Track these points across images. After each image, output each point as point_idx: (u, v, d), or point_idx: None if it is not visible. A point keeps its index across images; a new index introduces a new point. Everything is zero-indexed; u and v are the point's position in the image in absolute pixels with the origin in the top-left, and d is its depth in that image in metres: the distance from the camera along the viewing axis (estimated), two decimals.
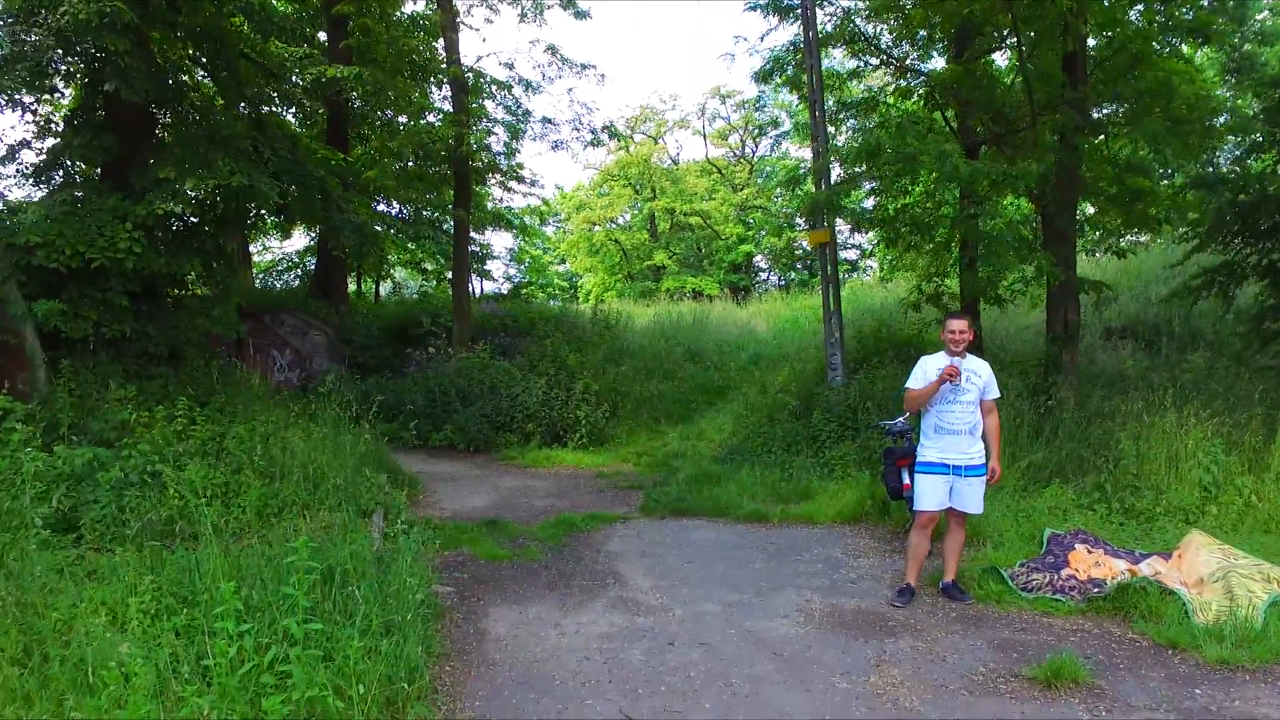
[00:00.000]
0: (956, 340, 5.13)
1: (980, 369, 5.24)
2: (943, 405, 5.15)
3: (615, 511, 8.04)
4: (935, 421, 5.20)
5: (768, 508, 7.81)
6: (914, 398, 5.22)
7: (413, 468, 10.58)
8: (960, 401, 5.12)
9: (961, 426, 5.13)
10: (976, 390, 5.17)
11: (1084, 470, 7.88)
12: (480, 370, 12.61)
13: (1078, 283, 10.09)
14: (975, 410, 5.17)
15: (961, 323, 5.16)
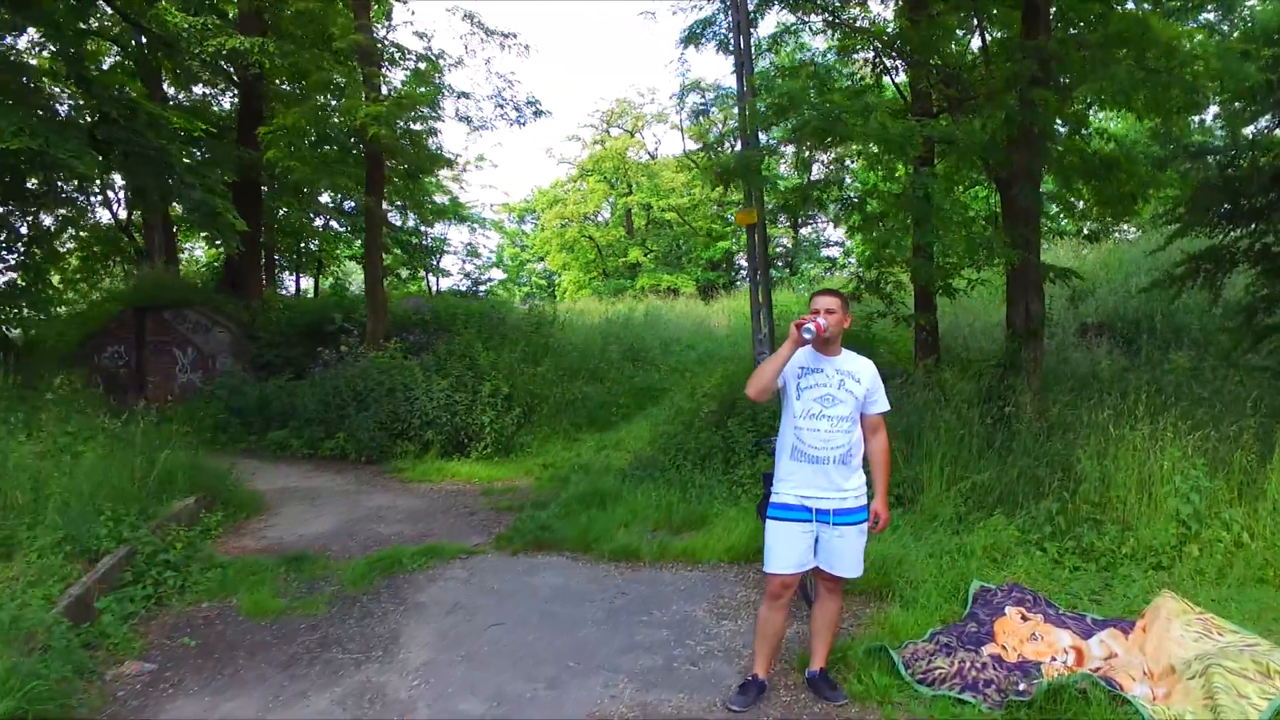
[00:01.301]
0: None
1: (860, 371, 3.60)
2: (803, 418, 3.52)
3: (463, 543, 6.43)
4: (792, 442, 3.55)
5: (645, 540, 6.19)
6: (756, 375, 3.52)
7: (277, 483, 9.02)
8: (828, 416, 3.49)
9: (829, 451, 3.49)
10: (854, 401, 3.53)
11: (1039, 494, 6.26)
12: (382, 371, 11.00)
13: (1041, 268, 8.44)
14: (852, 429, 3.53)
15: (829, 299, 3.55)
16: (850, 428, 3.51)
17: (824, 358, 3.56)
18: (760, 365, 3.55)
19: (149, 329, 13.37)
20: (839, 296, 3.57)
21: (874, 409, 3.61)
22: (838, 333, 3.54)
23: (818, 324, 3.40)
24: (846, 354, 3.63)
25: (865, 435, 3.62)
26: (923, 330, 9.27)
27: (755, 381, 3.49)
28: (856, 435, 3.55)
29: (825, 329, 3.43)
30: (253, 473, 9.64)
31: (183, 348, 13.31)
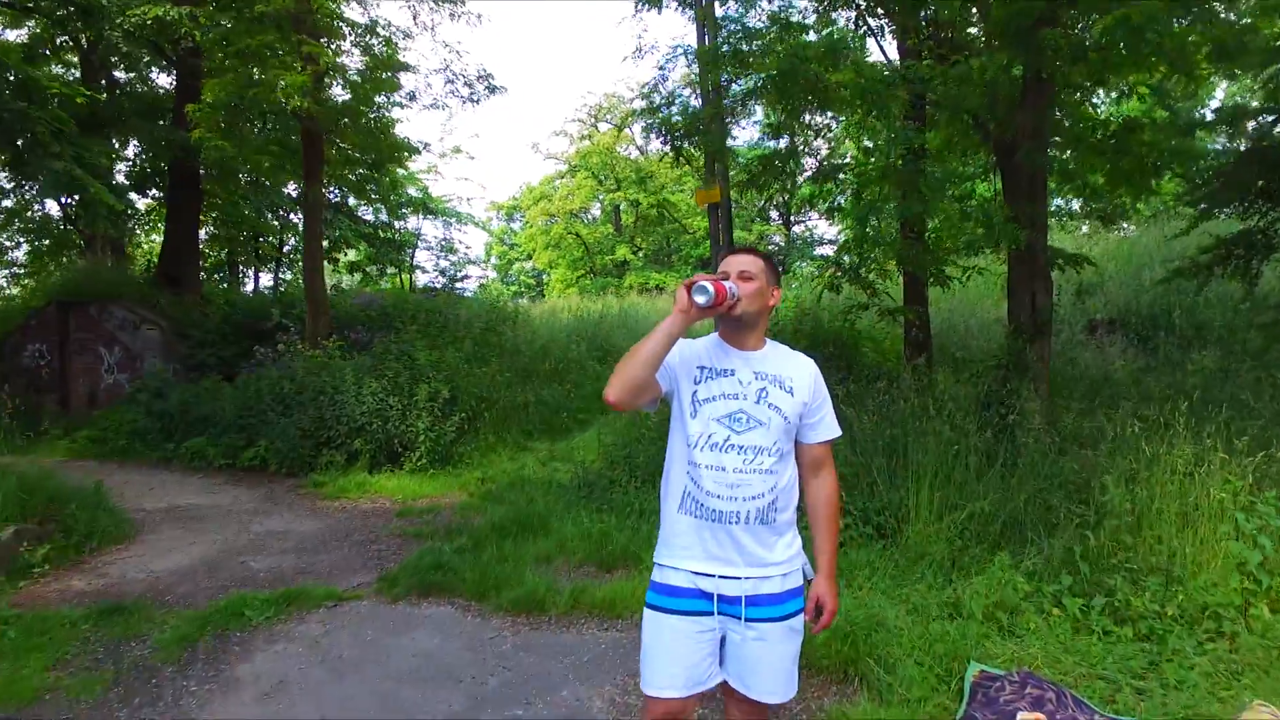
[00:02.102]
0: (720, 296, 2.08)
1: (795, 374, 2.25)
2: (701, 448, 2.15)
3: (336, 586, 5.09)
4: (684, 485, 2.20)
5: (558, 585, 4.84)
6: (619, 366, 2.09)
7: (167, 501, 7.71)
8: (739, 446, 2.14)
9: (741, 503, 2.12)
10: (782, 423, 2.18)
11: (1051, 527, 4.93)
12: (310, 373, 9.68)
13: (1048, 253, 7.10)
14: (779, 467, 2.18)
15: (745, 258, 2.23)
16: (776, 465, 2.17)
17: (737, 352, 2.23)
18: (630, 351, 2.10)
19: (73, 326, 12.06)
20: (761, 258, 2.24)
21: (817, 434, 2.27)
22: (757, 312, 2.21)
23: (720, 285, 2.09)
24: (775, 349, 2.29)
25: (803, 474, 2.28)
26: (912, 326, 7.93)
27: (617, 375, 2.08)
28: (788, 476, 2.21)
29: (733, 296, 2.11)
30: (150, 489, 8.37)
31: (109, 346, 12.00)
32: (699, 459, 2.15)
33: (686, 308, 2.05)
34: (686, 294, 2.05)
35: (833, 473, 2.32)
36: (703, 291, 2.04)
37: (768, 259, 2.24)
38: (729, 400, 2.17)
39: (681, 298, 2.05)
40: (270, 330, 11.37)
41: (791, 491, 2.23)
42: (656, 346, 2.06)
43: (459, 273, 21.22)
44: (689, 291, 2.05)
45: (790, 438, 2.23)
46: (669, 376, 2.19)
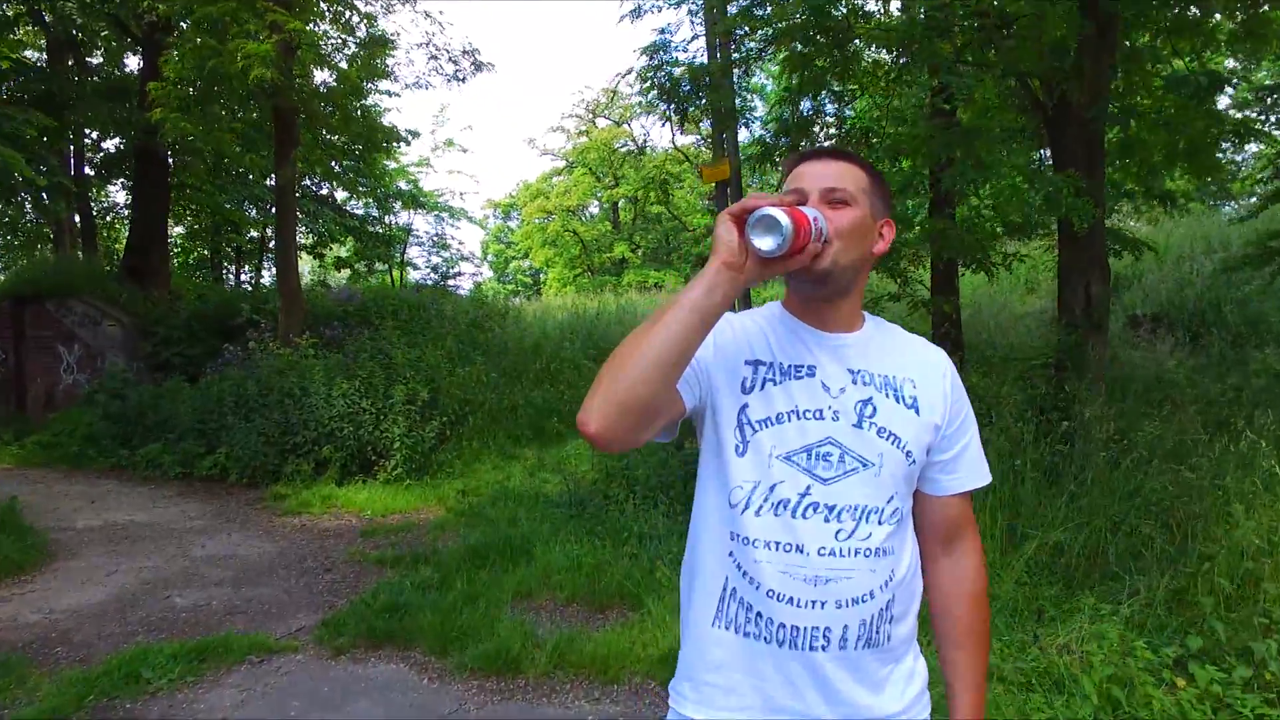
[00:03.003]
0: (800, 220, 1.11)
1: (921, 372, 1.27)
2: (758, 509, 1.18)
3: (269, 633, 4.11)
4: (725, 576, 1.22)
5: (539, 634, 3.88)
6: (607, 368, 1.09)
7: (104, 518, 6.77)
8: (829, 508, 1.17)
9: (830, 603, 1.15)
10: (899, 460, 1.21)
11: (1139, 560, 4.00)
12: (277, 373, 8.69)
13: (1105, 237, 6.14)
14: (895, 540, 1.21)
15: (834, 166, 1.23)
16: (893, 539, 1.21)
17: (819, 336, 1.26)
18: (625, 341, 1.10)
19: (29, 323, 11.07)
20: (861, 167, 1.26)
21: (954, 480, 1.30)
22: (857, 265, 1.24)
23: (799, 213, 1.10)
24: (880, 330, 1.32)
25: (925, 551, 1.30)
26: (944, 320, 6.97)
27: (601, 390, 1.08)
28: (908, 559, 1.25)
29: (819, 233, 1.13)
30: (90, 501, 7.41)
31: (68, 344, 11.01)
32: (753, 530, 1.17)
33: (737, 258, 1.08)
34: (736, 231, 1.08)
35: (977, 547, 1.34)
36: (771, 228, 1.07)
37: (872, 171, 1.27)
38: (808, 422, 1.19)
39: (727, 239, 1.09)
40: (241, 327, 10.38)
41: (914, 585, 1.26)
42: (679, 332, 1.07)
43: (452, 269, 20.22)
44: (741, 228, 1.08)
45: (911, 488, 1.25)
46: (697, 382, 1.22)
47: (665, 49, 5.79)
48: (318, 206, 16.35)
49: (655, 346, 1.06)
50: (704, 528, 1.26)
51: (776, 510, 1.17)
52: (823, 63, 5.70)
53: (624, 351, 1.08)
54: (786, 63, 5.89)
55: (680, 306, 1.07)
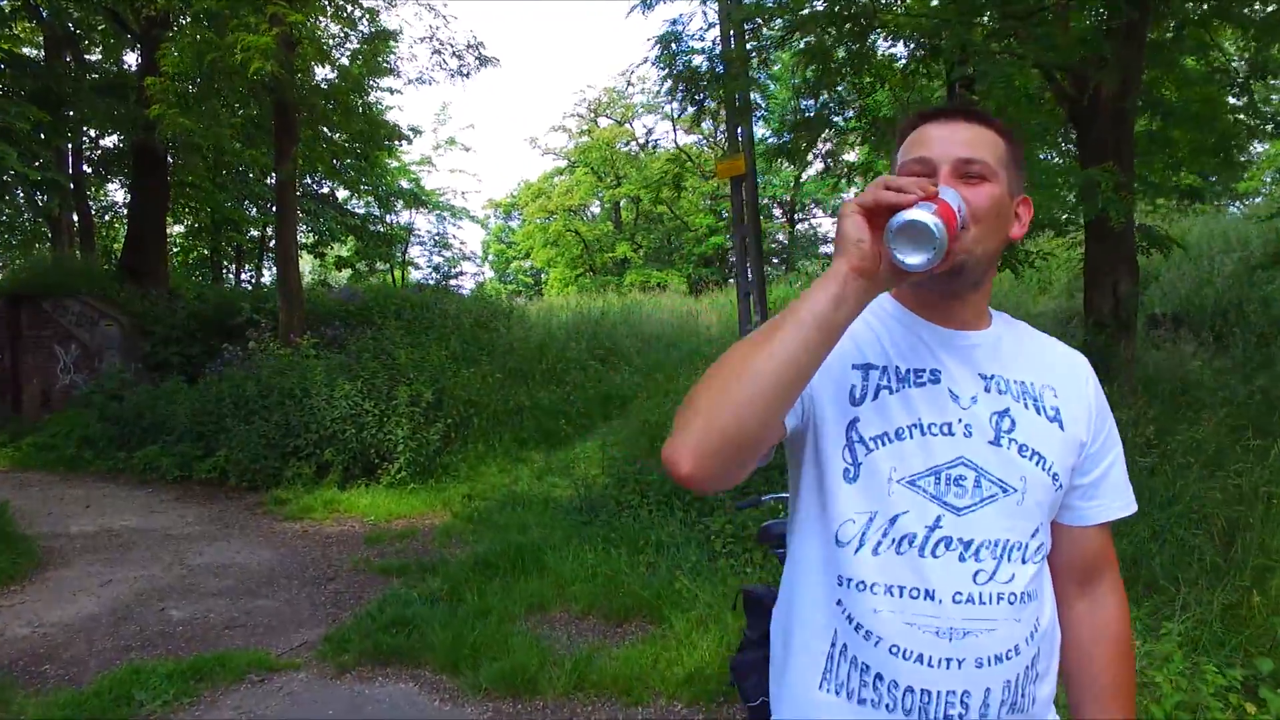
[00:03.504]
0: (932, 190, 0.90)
1: (1062, 379, 1.05)
2: (877, 545, 0.95)
3: (269, 650, 3.88)
4: (834, 629, 0.99)
5: (556, 651, 3.66)
6: (704, 393, 0.87)
7: (99, 523, 6.56)
8: (965, 544, 0.95)
9: (969, 661, 0.93)
10: (1045, 483, 0.99)
11: (1185, 570, 3.79)
12: (278, 373, 8.46)
13: (1134, 234, 5.93)
14: (1038, 579, 1.00)
15: (966, 130, 1.00)
16: (1036, 581, 1.00)
17: (942, 333, 1.04)
18: (725, 359, 0.88)
19: (25, 323, 10.84)
20: (997, 131, 1.03)
21: (1098, 508, 1.09)
22: (992, 254, 1.02)
23: (949, 212, 0.88)
24: (1009, 328, 1.10)
25: (1062, 589, 1.08)
26: None
27: (697, 423, 0.86)
28: (1050, 604, 1.03)
29: (964, 224, 0.91)
30: (86, 506, 7.18)
31: (65, 344, 10.77)
32: (869, 573, 0.95)
33: (871, 263, 0.87)
34: (868, 235, 0.87)
35: (1118, 587, 1.12)
36: (920, 240, 0.86)
37: (1011, 136, 1.04)
38: (935, 438, 0.97)
39: (858, 239, 0.87)
40: (240, 326, 10.16)
41: (1055, 635, 1.05)
42: (796, 353, 0.86)
43: (453, 269, 19.97)
44: (874, 224, 0.88)
45: (1051, 518, 1.03)
46: (806, 404, 1.01)
47: (679, 39, 5.60)
48: (319, 205, 16.13)
49: (768, 369, 0.84)
50: (803, 572, 1.03)
51: (899, 547, 0.95)
52: (840, 54, 5.48)
53: (725, 375, 0.86)
54: (803, 55, 5.67)
55: (798, 321, 0.85)
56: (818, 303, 0.85)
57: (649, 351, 12.26)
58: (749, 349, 0.86)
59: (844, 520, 0.97)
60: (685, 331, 14.09)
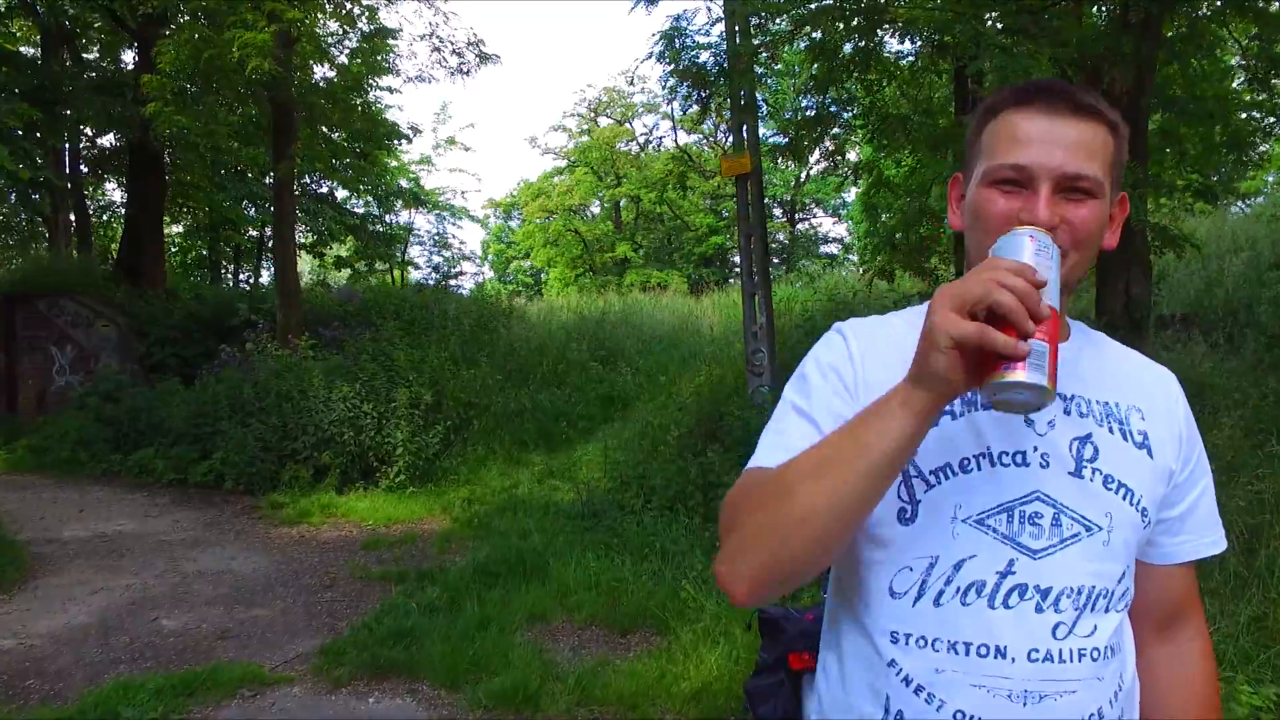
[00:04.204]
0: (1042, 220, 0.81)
1: (1149, 398, 0.92)
2: (936, 596, 0.83)
3: (263, 663, 3.75)
4: (885, 697, 0.85)
5: (559, 663, 3.53)
6: (763, 502, 0.80)
7: (93, 528, 6.45)
8: (1042, 591, 0.82)
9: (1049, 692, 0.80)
10: (1134, 520, 0.86)
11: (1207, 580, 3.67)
12: (275, 375, 8.34)
13: (1146, 233, 5.80)
14: (1122, 630, 0.89)
15: (1072, 128, 0.84)
16: (1119, 633, 0.87)
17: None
18: (781, 483, 0.79)
19: (20, 323, 10.70)
20: (1105, 123, 0.87)
21: (1185, 545, 0.96)
22: (1083, 276, 0.92)
23: (1053, 332, 0.73)
24: (1090, 341, 0.98)
25: (1141, 634, 0.94)
26: None
27: (760, 548, 0.79)
28: (1132, 655, 0.90)
29: (1051, 261, 0.76)
30: (79, 510, 7.06)
31: (60, 345, 10.64)
32: (930, 627, 0.83)
33: (954, 394, 0.75)
34: (961, 374, 0.72)
35: (1203, 632, 0.99)
36: (1027, 402, 0.74)
37: (1117, 126, 0.89)
38: (1006, 469, 0.85)
39: (947, 376, 0.72)
40: (238, 327, 10.03)
41: (1136, 691, 0.91)
42: (865, 491, 0.76)
43: (453, 269, 19.83)
44: (969, 364, 0.73)
45: (1133, 555, 0.90)
46: (835, 412, 0.89)
47: (684, 34, 5.47)
48: (317, 205, 15.98)
49: (831, 511, 0.75)
50: (847, 629, 0.90)
51: (965, 597, 0.82)
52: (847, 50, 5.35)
53: (783, 510, 0.77)
54: (810, 51, 5.54)
55: (868, 458, 0.74)
56: (890, 439, 0.73)
57: (650, 352, 12.13)
58: (809, 482, 0.76)
59: (900, 568, 0.84)
60: (687, 332, 13.98)
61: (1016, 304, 0.68)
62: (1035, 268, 0.71)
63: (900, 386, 0.74)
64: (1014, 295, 0.68)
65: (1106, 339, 0.98)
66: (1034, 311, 0.68)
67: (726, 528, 0.84)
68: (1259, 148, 6.85)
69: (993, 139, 0.88)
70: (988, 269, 0.71)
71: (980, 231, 0.86)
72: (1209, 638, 1.00)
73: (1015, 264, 0.71)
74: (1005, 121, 0.87)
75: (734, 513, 0.83)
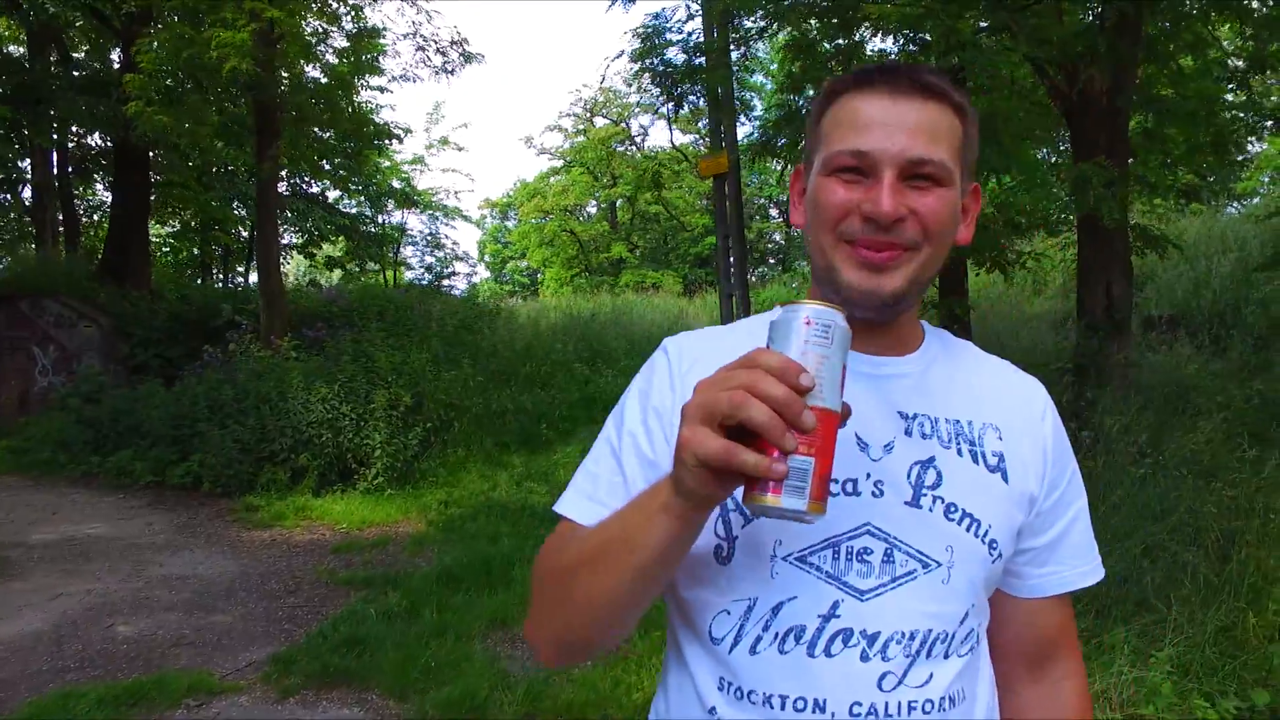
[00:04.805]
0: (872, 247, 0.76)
1: (1008, 415, 0.84)
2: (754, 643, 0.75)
3: (213, 672, 3.67)
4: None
5: (511, 673, 3.45)
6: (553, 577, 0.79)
7: (62, 530, 6.39)
8: (869, 638, 0.74)
9: None
10: (979, 555, 0.78)
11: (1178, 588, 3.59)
12: (255, 376, 8.26)
13: (1128, 233, 5.72)
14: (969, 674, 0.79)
15: (916, 110, 0.76)
16: (964, 675, 0.79)
17: (853, 358, 0.77)
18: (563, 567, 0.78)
19: (2, 323, 10.63)
20: (951, 104, 0.79)
21: (1052, 572, 0.87)
22: (935, 274, 0.83)
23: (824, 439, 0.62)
24: (945, 348, 0.90)
25: (1008, 674, 0.86)
26: (954, 322, 6.53)
27: (554, 623, 0.79)
28: (985, 698, 0.82)
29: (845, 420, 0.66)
30: (53, 513, 6.99)
31: (43, 345, 10.56)
32: (748, 677, 0.76)
33: (717, 494, 0.64)
34: (716, 490, 0.63)
35: (1079, 670, 0.90)
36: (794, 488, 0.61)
37: (965, 106, 0.81)
38: (834, 501, 0.75)
39: (705, 493, 0.63)
40: (222, 328, 9.96)
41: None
42: (636, 585, 0.71)
43: (446, 269, 19.77)
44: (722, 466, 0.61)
45: (990, 593, 0.81)
46: (646, 463, 0.83)
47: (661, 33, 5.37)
48: (308, 205, 15.91)
49: (608, 604, 0.73)
50: (674, 668, 0.83)
51: (783, 644, 0.74)
52: (825, 48, 5.27)
53: (567, 592, 0.75)
54: (788, 48, 5.46)
55: (636, 557, 0.68)
56: (655, 541, 0.66)
57: (637, 353, 12.03)
58: (585, 573, 0.72)
59: (719, 611, 0.77)
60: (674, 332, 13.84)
61: (771, 420, 0.57)
62: (804, 366, 0.60)
63: (663, 485, 0.65)
64: (769, 408, 0.58)
65: (968, 348, 0.90)
66: (794, 423, 0.58)
67: (533, 587, 0.81)
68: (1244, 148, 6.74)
69: (832, 124, 0.80)
70: (745, 368, 0.60)
71: (820, 227, 0.78)
72: (1085, 676, 0.91)
73: (779, 362, 0.60)
74: (845, 105, 0.79)
75: (537, 575, 0.81)
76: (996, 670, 0.86)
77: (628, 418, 0.84)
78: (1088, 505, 0.89)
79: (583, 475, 0.85)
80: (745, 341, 0.82)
